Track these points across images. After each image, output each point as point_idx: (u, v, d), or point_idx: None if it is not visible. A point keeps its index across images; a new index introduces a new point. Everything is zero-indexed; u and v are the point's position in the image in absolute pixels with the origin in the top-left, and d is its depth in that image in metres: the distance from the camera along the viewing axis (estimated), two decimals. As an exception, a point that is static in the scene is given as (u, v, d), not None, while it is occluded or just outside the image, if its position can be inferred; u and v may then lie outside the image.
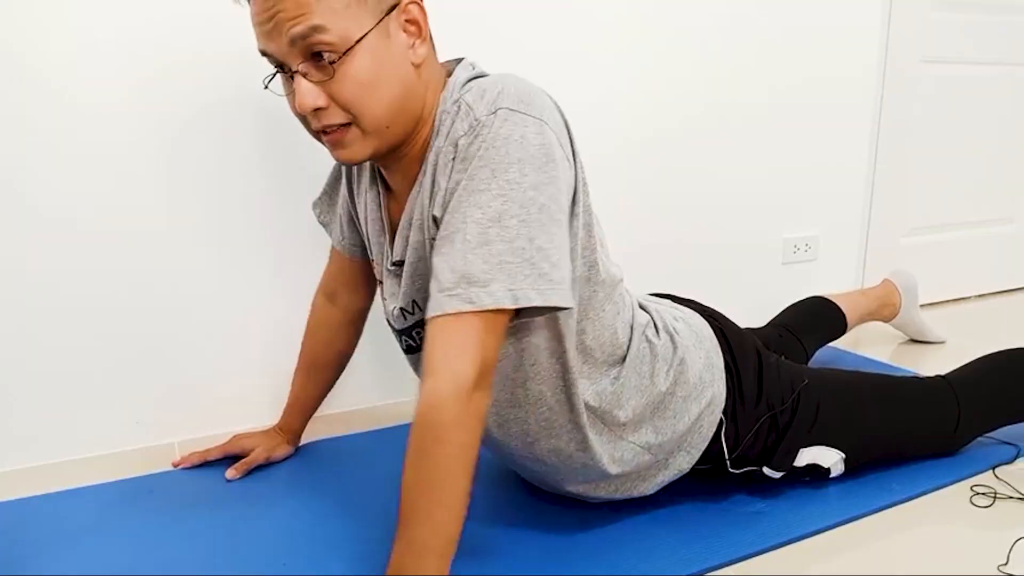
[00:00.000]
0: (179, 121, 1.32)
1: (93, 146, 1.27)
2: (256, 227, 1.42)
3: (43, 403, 1.32)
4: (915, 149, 2.12)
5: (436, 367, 0.78)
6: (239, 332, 1.44)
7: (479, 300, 0.79)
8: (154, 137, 1.31)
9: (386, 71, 0.86)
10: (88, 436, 1.37)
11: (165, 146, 1.32)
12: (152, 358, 1.38)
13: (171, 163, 1.33)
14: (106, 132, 1.28)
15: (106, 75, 1.26)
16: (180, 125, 1.33)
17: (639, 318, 1.04)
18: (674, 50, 1.72)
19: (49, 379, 1.32)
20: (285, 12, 0.80)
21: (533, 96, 0.85)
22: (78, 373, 1.34)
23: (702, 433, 1.07)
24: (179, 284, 1.38)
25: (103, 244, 1.31)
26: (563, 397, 0.96)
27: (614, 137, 1.70)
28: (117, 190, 1.30)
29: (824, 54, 1.92)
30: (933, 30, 2.05)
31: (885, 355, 1.86)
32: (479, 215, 0.81)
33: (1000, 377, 1.29)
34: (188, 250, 1.37)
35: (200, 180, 1.36)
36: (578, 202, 0.90)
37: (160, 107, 1.31)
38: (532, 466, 1.06)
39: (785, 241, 2.00)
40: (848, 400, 1.18)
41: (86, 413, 1.36)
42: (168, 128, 1.32)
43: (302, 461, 1.32)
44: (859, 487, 1.18)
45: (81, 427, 1.36)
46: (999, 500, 1.16)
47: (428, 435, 0.77)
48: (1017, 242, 2.42)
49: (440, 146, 0.87)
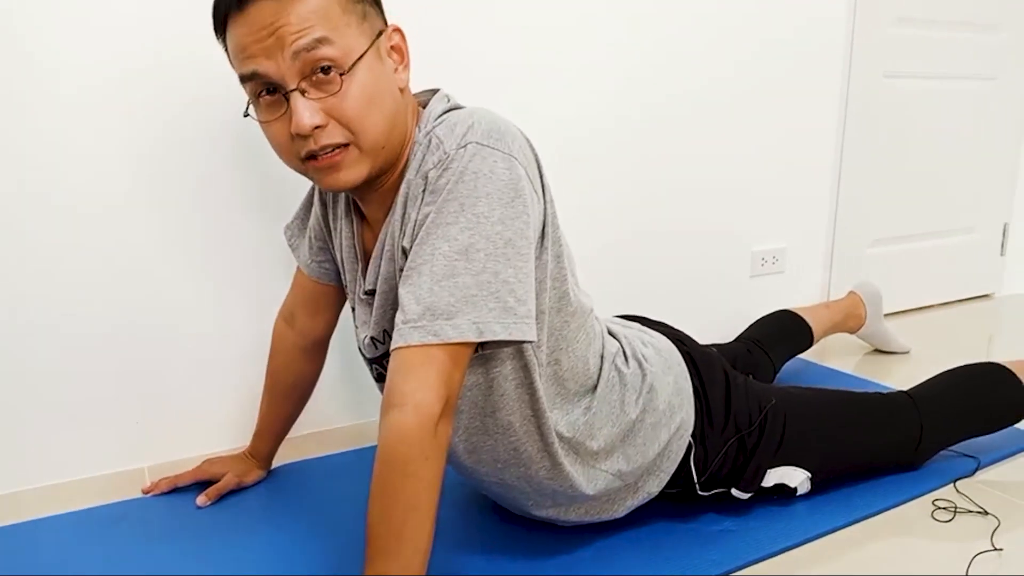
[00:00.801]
0: (153, 143, 1.31)
1: (64, 166, 1.26)
2: (230, 248, 1.41)
3: (7, 429, 1.30)
4: (878, 162, 2.17)
5: (400, 400, 0.79)
6: (210, 354, 1.43)
7: (443, 333, 0.80)
8: (130, 159, 1.30)
9: (383, 89, 0.87)
10: (57, 461, 1.35)
11: (141, 169, 1.31)
12: (122, 381, 1.37)
13: (147, 185, 1.32)
14: (79, 148, 1.26)
15: (80, 94, 1.25)
16: (154, 147, 1.31)
17: (609, 346, 1.05)
18: (643, 68, 1.73)
19: (14, 404, 1.30)
20: (289, 26, 0.80)
21: (503, 131, 0.86)
22: (45, 398, 1.32)
23: (671, 457, 1.09)
24: (149, 306, 1.36)
25: (73, 267, 1.29)
26: (531, 427, 0.97)
27: (584, 152, 1.71)
28: (88, 212, 1.29)
29: (789, 71, 1.95)
30: (893, 46, 2.10)
31: (851, 366, 1.89)
32: (446, 248, 0.82)
33: (962, 392, 1.32)
34: (159, 272, 1.36)
35: (175, 202, 1.35)
36: (547, 235, 0.91)
37: (133, 130, 1.29)
38: (502, 491, 1.07)
39: (753, 254, 2.03)
40: (814, 419, 1.20)
41: (54, 438, 1.34)
42: (141, 151, 1.31)
43: (273, 485, 1.31)
44: (825, 503, 1.20)
45: (49, 453, 1.34)
46: (959, 515, 1.18)
47: (394, 470, 0.77)
48: (977, 251, 2.48)
49: (411, 178, 0.88)
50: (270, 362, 1.28)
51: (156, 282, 1.36)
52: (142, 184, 1.32)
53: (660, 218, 1.85)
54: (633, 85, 1.73)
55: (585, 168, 1.72)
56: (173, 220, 1.36)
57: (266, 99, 0.86)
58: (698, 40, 1.79)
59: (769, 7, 1.87)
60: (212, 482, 1.27)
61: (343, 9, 0.84)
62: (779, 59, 1.93)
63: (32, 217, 1.25)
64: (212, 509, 1.23)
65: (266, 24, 0.81)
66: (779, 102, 1.96)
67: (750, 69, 1.89)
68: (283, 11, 0.81)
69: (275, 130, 0.87)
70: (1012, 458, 1.37)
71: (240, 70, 0.86)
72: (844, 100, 2.06)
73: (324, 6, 0.82)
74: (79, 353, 1.33)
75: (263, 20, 0.81)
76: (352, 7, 0.85)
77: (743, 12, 1.84)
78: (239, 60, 0.85)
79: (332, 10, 0.83)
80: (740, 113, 1.90)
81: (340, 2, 0.84)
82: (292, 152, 0.87)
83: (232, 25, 0.84)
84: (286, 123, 0.85)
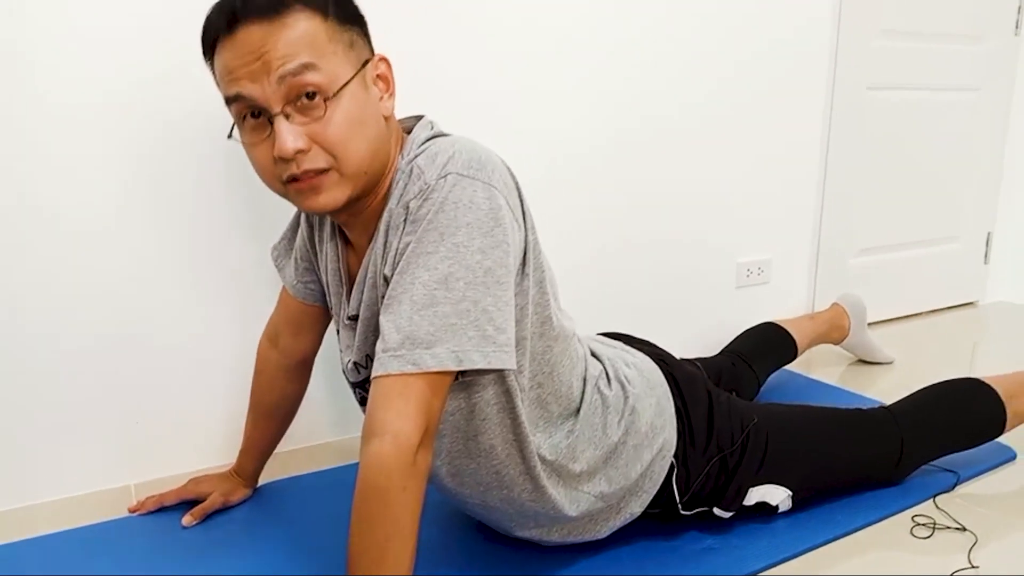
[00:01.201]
0: (142, 161, 1.31)
1: (57, 180, 1.26)
2: (217, 265, 1.41)
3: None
4: (862, 173, 2.19)
5: (380, 429, 0.80)
6: (196, 370, 1.43)
7: (423, 362, 0.80)
8: (116, 176, 1.30)
9: (367, 116, 0.88)
10: (42, 481, 1.35)
11: (129, 185, 1.31)
12: (107, 398, 1.37)
13: (136, 202, 1.32)
14: (71, 163, 1.26)
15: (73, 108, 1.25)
16: (142, 165, 1.32)
17: (591, 369, 1.06)
18: (629, 80, 1.74)
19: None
20: (275, 51, 0.82)
21: (483, 161, 0.87)
22: (28, 415, 1.31)
23: (653, 478, 1.10)
24: (134, 322, 1.36)
25: (58, 285, 1.29)
26: (514, 450, 0.97)
27: (571, 163, 1.72)
28: (76, 229, 1.29)
29: (774, 84, 1.97)
30: (876, 58, 2.11)
31: (835, 377, 1.91)
32: (426, 277, 0.82)
33: (941, 408, 1.33)
34: (145, 289, 1.36)
35: (163, 219, 1.35)
36: (528, 261, 0.92)
37: (127, 145, 1.30)
38: (485, 513, 1.08)
39: (739, 265, 2.04)
40: (796, 438, 1.21)
41: (37, 457, 1.34)
42: (131, 167, 1.31)
43: (259, 505, 1.32)
44: (806, 520, 1.22)
45: (34, 471, 1.34)
46: (938, 531, 1.20)
47: (374, 498, 0.78)
48: (961, 260, 2.51)
49: (393, 207, 0.89)
50: (254, 381, 1.28)
51: (141, 299, 1.36)
52: (128, 209, 1.32)
53: (647, 229, 1.86)
54: (618, 100, 1.74)
55: (571, 178, 1.73)
56: (160, 237, 1.36)
57: (250, 122, 0.87)
58: (683, 54, 1.80)
59: (753, 21, 1.89)
60: (198, 501, 1.28)
61: (330, 38, 0.86)
62: (764, 72, 1.94)
63: (22, 232, 1.25)
64: (198, 529, 1.23)
65: (253, 48, 0.82)
66: (764, 115, 1.97)
67: (735, 82, 1.90)
68: (271, 36, 0.82)
69: (258, 152, 0.88)
70: (991, 472, 1.39)
71: (226, 92, 0.87)
72: (829, 112, 2.07)
73: (311, 33, 0.84)
74: (63, 370, 1.32)
75: (251, 44, 0.82)
76: (339, 36, 0.87)
77: (728, 26, 1.85)
78: (225, 82, 0.86)
79: (319, 38, 0.84)
80: (726, 126, 1.91)
81: (328, 30, 0.85)
82: (274, 175, 0.88)
83: (220, 48, 0.85)
84: (269, 146, 0.86)
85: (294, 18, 0.83)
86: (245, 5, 0.83)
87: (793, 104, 2.02)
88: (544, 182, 1.67)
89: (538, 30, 1.62)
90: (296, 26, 0.83)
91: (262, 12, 0.82)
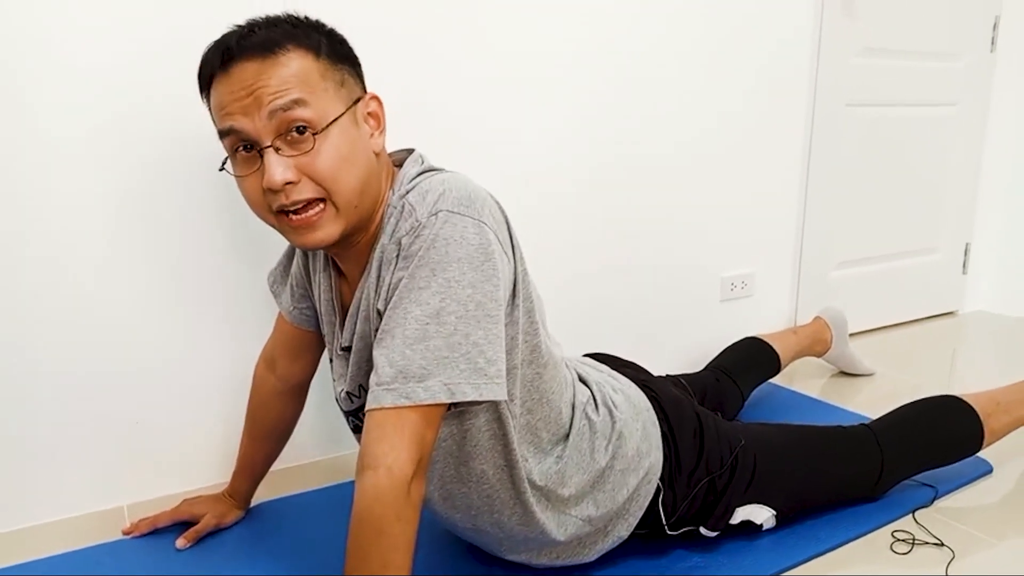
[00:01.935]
0: (132, 177, 1.33)
1: (41, 197, 1.27)
2: (210, 286, 1.43)
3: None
4: (842, 188, 2.23)
5: (374, 461, 0.82)
6: (188, 392, 1.45)
7: (415, 395, 0.83)
8: (107, 195, 1.31)
9: (357, 151, 0.91)
10: (35, 502, 1.35)
11: (119, 201, 1.32)
12: (99, 419, 1.38)
13: (126, 220, 1.33)
14: (57, 184, 1.27)
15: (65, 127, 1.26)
16: (133, 181, 1.33)
17: (580, 395, 1.09)
18: (614, 97, 1.77)
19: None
20: (267, 87, 0.85)
21: (473, 198, 0.89)
22: (22, 436, 1.32)
23: (639, 501, 1.12)
24: (127, 344, 1.37)
25: (50, 306, 1.30)
26: (505, 476, 1.00)
27: (560, 181, 1.74)
28: (65, 245, 1.30)
29: (756, 103, 2.00)
30: (855, 76, 2.16)
31: (817, 389, 1.95)
32: (418, 312, 0.85)
33: (921, 426, 1.36)
34: (139, 309, 1.37)
35: (155, 237, 1.36)
36: (518, 292, 0.95)
37: (114, 165, 1.31)
38: (475, 536, 1.10)
39: (723, 280, 2.08)
40: (782, 459, 1.24)
41: (31, 478, 1.34)
42: (121, 184, 1.32)
43: (252, 526, 1.33)
44: (788, 536, 1.25)
45: (27, 493, 1.34)
46: (917, 546, 1.23)
47: (368, 530, 0.81)
48: (940, 270, 2.56)
49: (385, 243, 0.92)
50: (250, 404, 1.30)
51: (132, 320, 1.37)
52: (117, 228, 1.33)
53: (634, 245, 1.89)
54: (603, 116, 1.77)
55: (555, 192, 1.75)
56: (152, 260, 1.37)
57: (242, 155, 0.90)
58: (665, 74, 1.84)
59: (735, 39, 1.92)
60: (191, 522, 1.29)
61: (322, 76, 0.89)
62: (745, 91, 1.98)
63: (12, 256, 1.26)
64: (192, 552, 1.24)
65: (247, 85, 0.85)
66: (747, 132, 2.01)
67: (717, 102, 1.93)
68: (264, 73, 0.85)
69: (248, 184, 0.91)
70: (968, 485, 1.43)
71: (219, 126, 0.90)
72: (809, 129, 2.11)
73: (304, 71, 0.87)
74: (54, 391, 1.33)
75: (244, 81, 0.86)
76: (331, 75, 0.90)
77: (709, 47, 1.88)
78: (219, 116, 0.89)
79: (311, 76, 0.88)
80: (710, 144, 1.95)
81: (320, 69, 0.89)
82: (263, 205, 0.91)
83: (216, 84, 0.89)
84: (259, 178, 0.88)
85: (287, 57, 0.87)
86: (240, 44, 0.86)
87: (774, 121, 2.06)
88: (532, 204, 1.70)
89: (523, 56, 1.64)
90: (289, 64, 0.86)
91: (256, 50, 0.86)
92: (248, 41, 0.86)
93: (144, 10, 1.28)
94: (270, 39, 0.87)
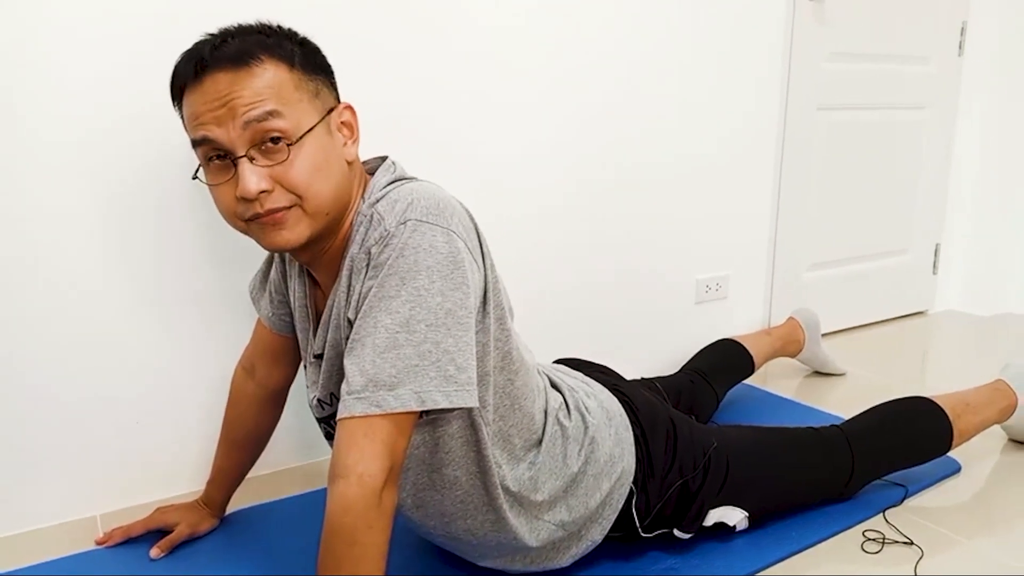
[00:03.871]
0: (115, 184, 1.32)
1: (28, 204, 1.26)
2: (189, 292, 1.42)
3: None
4: (814, 190, 2.25)
5: (344, 471, 0.82)
6: (161, 399, 1.43)
7: (386, 403, 0.83)
8: (89, 199, 1.30)
9: (330, 161, 0.91)
10: (6, 514, 1.33)
11: (101, 207, 1.31)
12: (71, 428, 1.36)
13: (109, 224, 1.32)
14: (45, 192, 1.27)
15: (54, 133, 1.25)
16: (116, 188, 1.32)
17: (552, 401, 1.09)
18: (590, 103, 1.78)
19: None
20: (241, 98, 0.85)
21: (442, 207, 0.90)
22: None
23: (612, 505, 1.13)
24: (100, 350, 1.36)
25: (25, 307, 1.29)
26: (478, 482, 1.00)
27: (536, 186, 1.75)
28: (50, 253, 1.29)
29: (729, 107, 2.02)
30: (826, 80, 2.18)
31: (790, 390, 1.97)
32: (388, 321, 0.85)
33: (891, 428, 1.38)
34: (115, 314, 1.36)
35: (136, 242, 1.36)
36: (489, 300, 0.95)
37: (98, 170, 1.30)
38: (449, 542, 1.10)
39: (698, 282, 2.09)
40: (755, 461, 1.25)
41: (2, 489, 1.32)
42: (105, 188, 1.31)
43: (227, 534, 1.32)
44: (762, 537, 1.26)
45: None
46: (887, 545, 1.25)
47: (340, 539, 0.81)
48: (911, 271, 2.59)
49: (355, 253, 0.92)
50: (228, 411, 1.29)
51: (105, 329, 1.36)
52: (101, 232, 1.32)
53: (609, 248, 1.90)
54: (580, 124, 1.78)
55: (531, 199, 1.76)
56: (129, 269, 1.36)
57: (216, 164, 0.90)
58: (636, 79, 1.85)
59: (707, 45, 1.94)
60: (165, 531, 1.28)
61: (296, 86, 0.89)
62: (718, 95, 2.00)
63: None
64: (166, 561, 1.24)
65: (220, 95, 0.86)
66: (720, 136, 2.03)
67: (692, 105, 1.95)
68: (237, 84, 0.85)
69: (222, 192, 0.91)
70: (938, 485, 1.45)
71: (193, 135, 0.90)
72: (781, 132, 2.14)
73: (277, 82, 0.87)
74: (25, 401, 1.32)
75: (217, 91, 0.86)
76: (305, 85, 0.90)
77: (680, 52, 1.90)
78: (192, 126, 0.89)
79: (285, 87, 0.88)
80: (687, 150, 1.96)
81: (294, 79, 0.89)
82: (235, 214, 0.91)
83: (188, 94, 0.89)
84: (232, 186, 0.89)
85: (261, 68, 0.87)
86: (213, 54, 0.86)
87: (747, 126, 2.08)
88: (507, 210, 1.71)
89: (502, 70, 1.65)
90: (263, 75, 0.87)
91: (230, 61, 0.86)
92: (221, 52, 0.86)
93: (136, 22, 1.28)
94: (243, 49, 0.87)
